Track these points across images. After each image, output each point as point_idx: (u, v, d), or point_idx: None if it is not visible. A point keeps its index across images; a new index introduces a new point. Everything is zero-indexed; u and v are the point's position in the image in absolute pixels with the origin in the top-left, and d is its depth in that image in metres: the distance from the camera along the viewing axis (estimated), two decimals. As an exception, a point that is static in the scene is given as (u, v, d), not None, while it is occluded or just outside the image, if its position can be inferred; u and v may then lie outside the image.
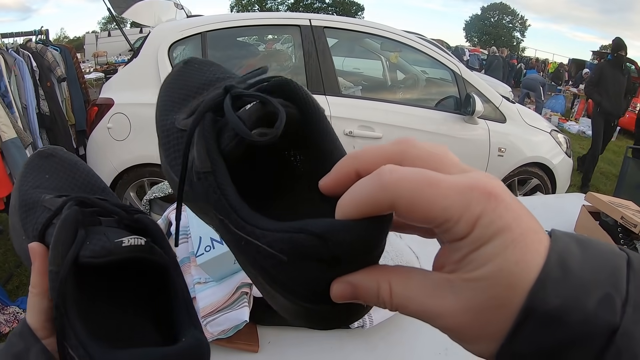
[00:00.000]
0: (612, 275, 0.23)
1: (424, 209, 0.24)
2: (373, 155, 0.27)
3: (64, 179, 0.52)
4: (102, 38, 14.83)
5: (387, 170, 0.25)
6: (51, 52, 3.51)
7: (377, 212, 0.25)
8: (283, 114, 0.32)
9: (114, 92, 3.03)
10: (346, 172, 0.28)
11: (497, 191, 0.24)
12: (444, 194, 0.23)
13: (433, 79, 4.00)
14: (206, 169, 0.32)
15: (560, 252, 0.24)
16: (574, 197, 2.45)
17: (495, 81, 8.54)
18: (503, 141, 3.48)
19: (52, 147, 0.56)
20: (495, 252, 0.23)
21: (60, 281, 0.35)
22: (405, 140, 0.28)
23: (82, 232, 0.38)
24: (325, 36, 3.21)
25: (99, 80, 9.69)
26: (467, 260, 0.24)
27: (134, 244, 0.38)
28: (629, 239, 1.66)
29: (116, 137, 2.94)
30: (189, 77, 0.45)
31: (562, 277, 0.23)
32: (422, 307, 0.26)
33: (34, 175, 0.51)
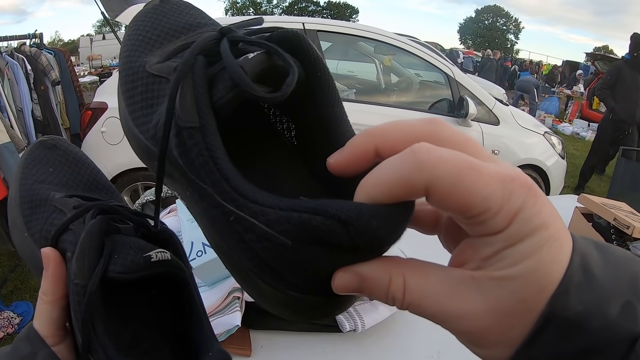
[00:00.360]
0: (633, 282, 0.22)
1: (463, 195, 0.21)
2: (399, 133, 0.24)
3: (69, 174, 0.49)
4: (96, 41, 14.80)
5: (424, 149, 0.21)
6: (45, 56, 3.50)
7: (409, 196, 0.22)
8: (295, 69, 0.27)
9: (108, 96, 3.02)
10: (364, 150, 0.25)
11: (535, 186, 0.22)
12: (486, 181, 0.21)
13: (427, 81, 4.02)
14: (193, 123, 0.27)
15: (582, 255, 0.22)
16: (567, 199, 2.46)
17: (489, 83, 8.57)
18: (496, 143, 3.49)
19: (54, 137, 0.52)
20: (531, 250, 0.21)
21: (88, 296, 0.33)
22: (435, 120, 0.24)
23: (109, 244, 0.36)
24: (318, 40, 3.21)
25: (94, 84, 9.68)
26: (500, 256, 0.22)
27: (162, 259, 0.37)
28: (622, 240, 1.67)
29: (110, 141, 2.93)
30: (165, 17, 0.39)
31: (586, 282, 0.22)
32: (440, 307, 0.23)
33: (37, 168, 0.48)
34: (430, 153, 0.21)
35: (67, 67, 3.84)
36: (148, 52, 0.36)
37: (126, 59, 0.37)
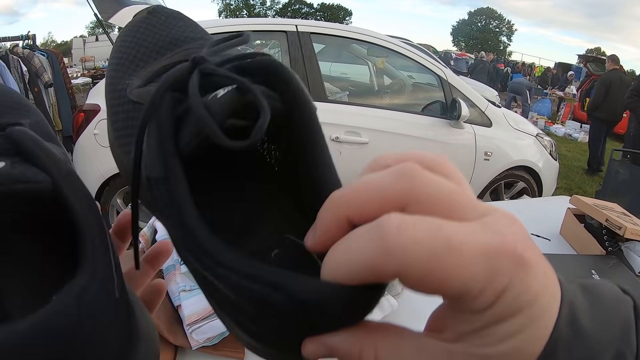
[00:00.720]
0: (623, 330, 0.21)
1: (439, 281, 0.19)
2: (369, 198, 0.21)
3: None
4: (89, 42, 14.76)
5: (393, 228, 0.19)
6: (38, 58, 3.49)
7: (377, 281, 0.20)
8: (267, 112, 0.24)
9: (101, 98, 2.95)
10: (335, 224, 0.22)
11: (528, 255, 0.19)
12: (467, 262, 0.18)
13: (419, 84, 4.02)
14: (157, 174, 0.25)
15: (570, 305, 0.21)
16: (560, 200, 2.47)
17: (482, 85, 8.61)
18: (489, 145, 3.50)
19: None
20: (518, 329, 0.19)
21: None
22: (410, 172, 0.21)
23: None
24: (311, 42, 3.21)
25: (87, 86, 9.65)
26: (480, 334, 0.20)
27: None
28: (614, 241, 1.68)
29: (103, 143, 2.91)
30: (152, 31, 0.36)
31: (574, 336, 0.20)
32: None
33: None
34: (400, 234, 0.18)
35: (60, 69, 3.82)
36: (132, 72, 0.35)
37: (110, 80, 0.35)
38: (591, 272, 1.47)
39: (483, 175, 3.57)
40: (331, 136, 3.10)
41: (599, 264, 1.53)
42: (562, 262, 1.49)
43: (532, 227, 2.02)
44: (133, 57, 0.35)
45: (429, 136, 3.34)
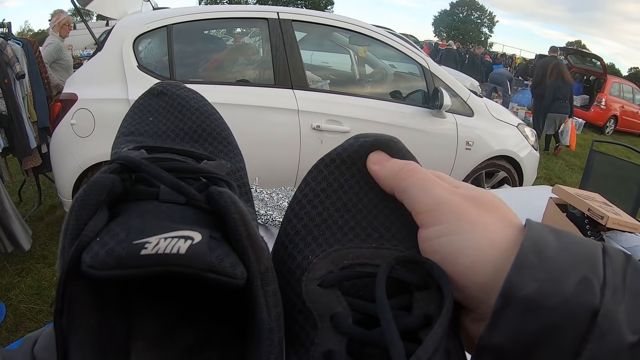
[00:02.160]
0: (589, 260, 0.23)
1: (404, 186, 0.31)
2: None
3: (170, 122, 0.42)
4: (66, 31, 14.45)
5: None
6: (11, 47, 3.38)
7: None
8: None
9: (78, 87, 2.94)
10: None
11: (474, 194, 0.29)
12: (420, 181, 0.31)
13: (401, 73, 4.02)
14: None
15: (535, 240, 0.24)
16: (541, 190, 2.49)
17: (463, 75, 8.65)
18: (471, 135, 3.52)
19: (164, 82, 0.46)
20: (439, 234, 0.28)
21: (57, 292, 0.23)
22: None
23: (103, 215, 0.24)
24: (293, 30, 3.18)
25: (64, 75, 9.46)
26: (424, 227, 0.29)
27: (163, 251, 0.22)
28: (596, 230, 1.69)
29: (80, 133, 2.85)
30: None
31: (538, 263, 0.23)
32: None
33: (135, 118, 0.42)
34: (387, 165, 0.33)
35: (35, 58, 3.71)
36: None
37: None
38: (572, 261, 1.47)
39: (464, 165, 3.58)
40: (312, 125, 3.08)
41: (580, 252, 1.54)
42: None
43: (513, 216, 2.02)
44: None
45: (411, 125, 3.34)
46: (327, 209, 0.32)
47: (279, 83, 3.11)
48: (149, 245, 0.22)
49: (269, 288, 0.26)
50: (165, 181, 0.27)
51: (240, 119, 2.98)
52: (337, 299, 0.27)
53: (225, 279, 0.23)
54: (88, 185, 0.25)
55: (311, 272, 0.29)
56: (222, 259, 0.23)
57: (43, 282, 2.92)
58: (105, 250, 0.22)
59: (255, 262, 0.25)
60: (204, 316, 0.29)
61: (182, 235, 0.23)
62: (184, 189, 0.27)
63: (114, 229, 0.23)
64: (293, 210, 0.34)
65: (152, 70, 2.97)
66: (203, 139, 0.42)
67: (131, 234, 0.23)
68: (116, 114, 2.86)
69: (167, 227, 0.23)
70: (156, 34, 3.04)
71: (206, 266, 0.23)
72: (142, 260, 0.22)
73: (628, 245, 1.64)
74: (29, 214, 3.73)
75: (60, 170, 3.02)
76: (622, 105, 11.69)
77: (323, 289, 0.28)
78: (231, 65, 3.49)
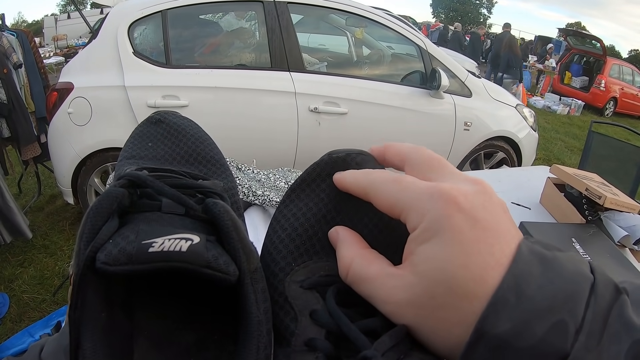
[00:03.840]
0: (571, 299, 0.23)
1: (388, 201, 0.28)
2: (393, 154, 0.34)
3: (167, 148, 0.46)
4: (61, 21, 14.33)
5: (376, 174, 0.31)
6: (7, 38, 3.36)
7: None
8: None
9: (73, 76, 2.93)
10: (379, 157, 0.36)
11: (460, 200, 0.25)
12: (407, 192, 0.27)
13: (399, 54, 4.00)
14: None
15: (517, 275, 0.23)
16: (539, 170, 2.48)
17: (461, 56, 8.62)
18: (469, 115, 3.51)
19: (162, 112, 0.50)
20: (437, 250, 0.25)
21: (73, 288, 0.26)
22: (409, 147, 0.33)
23: (114, 222, 0.28)
24: (289, 12, 3.16)
25: (60, 65, 9.43)
26: (415, 253, 0.26)
27: (168, 248, 0.26)
28: (594, 210, 1.69)
29: (77, 122, 2.85)
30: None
31: (515, 301, 0.22)
32: (372, 292, 0.28)
33: (135, 144, 0.46)
34: (373, 175, 0.31)
35: (31, 49, 3.69)
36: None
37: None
38: (571, 241, 1.48)
39: (463, 145, 3.58)
40: (310, 107, 3.08)
41: (579, 232, 1.55)
42: (543, 230, 1.50)
43: (512, 196, 2.02)
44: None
45: (408, 106, 3.33)
46: (309, 220, 0.36)
47: (275, 66, 3.10)
48: (156, 244, 0.26)
49: (258, 286, 0.30)
50: (167, 194, 0.33)
51: (237, 103, 2.98)
52: (316, 299, 0.31)
53: (220, 275, 0.27)
54: (101, 196, 0.29)
55: (293, 276, 0.33)
56: (217, 257, 0.27)
57: (45, 271, 2.93)
58: (118, 249, 0.26)
59: (246, 262, 0.29)
60: (203, 318, 0.33)
61: (183, 237, 0.27)
62: (183, 201, 0.33)
63: (124, 232, 0.27)
64: (278, 222, 0.37)
65: (147, 56, 2.96)
66: (198, 162, 0.46)
67: (140, 235, 0.27)
68: (113, 101, 2.86)
69: (170, 231, 0.28)
70: (151, 20, 3.02)
71: (204, 262, 0.27)
72: (149, 256, 0.26)
73: (626, 225, 1.64)
74: (29, 205, 3.74)
75: (59, 159, 3.02)
76: (622, 88, 11.65)
77: (303, 289, 0.32)
78: (227, 49, 3.47)
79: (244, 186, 1.34)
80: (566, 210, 1.75)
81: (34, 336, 2.19)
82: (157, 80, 2.89)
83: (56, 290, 2.72)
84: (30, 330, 2.24)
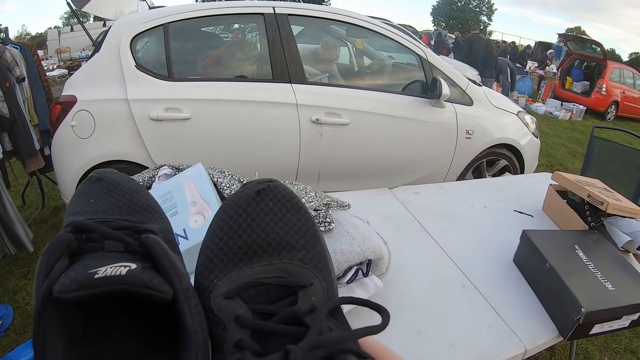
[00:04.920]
0: None
1: None
2: None
3: (107, 202, 0.51)
4: (64, 33, 14.39)
5: None
6: (10, 52, 3.39)
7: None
8: None
9: (77, 89, 2.94)
10: None
11: None
12: None
13: (399, 63, 4.01)
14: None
15: None
16: (542, 177, 2.49)
17: (462, 64, 8.62)
18: (470, 123, 3.51)
19: (101, 170, 0.55)
20: None
21: (38, 318, 0.31)
22: None
23: (64, 261, 0.34)
24: (289, 24, 3.17)
25: (63, 77, 9.46)
26: None
27: (110, 274, 0.31)
28: (596, 216, 1.70)
29: (81, 135, 2.86)
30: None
31: None
32: None
33: (79, 202, 0.50)
34: None
35: (34, 62, 3.72)
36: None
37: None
38: (574, 248, 1.48)
39: (465, 154, 3.58)
40: (311, 118, 3.08)
41: (582, 239, 1.55)
42: (545, 237, 1.50)
43: (514, 204, 2.03)
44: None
45: (410, 115, 3.33)
46: (226, 243, 0.42)
47: (277, 77, 3.11)
48: (100, 271, 0.32)
49: (191, 302, 0.35)
50: (109, 235, 0.39)
51: (239, 115, 2.99)
52: (238, 305, 0.36)
53: (157, 293, 0.33)
54: (52, 240, 0.35)
55: (216, 291, 0.38)
56: (152, 279, 0.33)
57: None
58: (69, 279, 0.31)
59: (179, 282, 0.35)
60: (152, 339, 0.38)
61: (122, 264, 0.33)
62: (122, 238, 0.39)
63: (74, 267, 0.33)
64: (207, 246, 0.43)
65: (150, 69, 2.97)
66: (135, 211, 0.51)
67: (86, 267, 0.32)
68: (116, 114, 2.88)
69: (112, 262, 0.33)
70: (153, 33, 3.04)
71: (141, 283, 0.32)
72: (95, 282, 0.31)
73: (629, 230, 1.64)
74: (32, 217, 3.75)
75: (63, 171, 3.03)
76: (623, 91, 11.63)
77: (227, 299, 0.37)
78: (229, 62, 3.48)
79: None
80: (569, 217, 1.75)
81: (39, 349, 2.19)
82: (159, 93, 2.90)
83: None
84: (34, 343, 2.24)
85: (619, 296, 1.25)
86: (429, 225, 1.77)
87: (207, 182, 1.28)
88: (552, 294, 1.33)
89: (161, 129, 2.89)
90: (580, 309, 1.18)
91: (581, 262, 1.40)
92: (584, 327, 1.21)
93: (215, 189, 1.33)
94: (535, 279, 1.43)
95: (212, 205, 1.18)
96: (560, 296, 1.27)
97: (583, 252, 1.44)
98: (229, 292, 0.37)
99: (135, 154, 2.93)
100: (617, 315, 1.24)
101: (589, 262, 1.39)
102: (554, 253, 1.41)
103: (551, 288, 1.33)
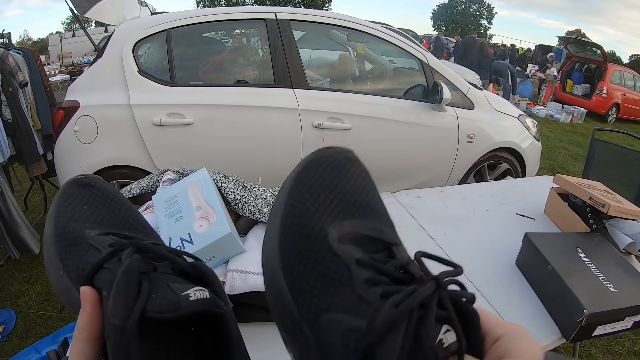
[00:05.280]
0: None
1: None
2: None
3: (104, 213, 0.51)
4: (66, 39, 14.43)
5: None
6: (13, 57, 3.40)
7: None
8: None
9: (79, 95, 2.96)
10: None
11: (523, 332, 0.34)
12: (489, 321, 0.35)
13: (401, 68, 4.02)
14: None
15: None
16: (543, 180, 2.49)
17: (463, 68, 8.63)
18: (472, 127, 3.52)
19: (90, 176, 0.54)
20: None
21: (126, 336, 0.33)
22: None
23: (146, 284, 0.36)
24: (291, 29, 3.19)
25: (65, 83, 9.49)
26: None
27: (200, 297, 0.37)
28: (598, 218, 1.70)
29: (83, 140, 2.88)
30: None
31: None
32: None
33: (72, 206, 0.49)
34: None
35: (37, 67, 3.73)
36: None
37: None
38: (576, 250, 1.49)
39: (467, 158, 3.59)
40: (313, 123, 3.09)
41: (584, 241, 1.55)
42: (547, 240, 1.51)
43: (516, 207, 2.03)
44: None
45: (411, 120, 3.34)
46: (327, 196, 0.43)
47: (278, 83, 3.12)
48: (191, 294, 0.36)
49: (233, 314, 0.42)
50: (169, 259, 0.42)
51: (241, 120, 3.00)
52: (355, 250, 0.37)
53: (221, 312, 0.39)
54: (128, 262, 0.38)
55: (330, 235, 0.38)
56: (218, 302, 0.39)
57: (52, 288, 2.93)
58: (167, 300, 0.35)
59: (225, 301, 0.41)
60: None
61: (199, 288, 0.38)
62: (180, 264, 0.42)
63: (160, 289, 0.36)
64: (302, 195, 0.43)
65: (152, 74, 2.99)
66: (134, 228, 0.52)
67: (176, 290, 0.37)
68: (118, 119, 2.89)
69: (189, 286, 0.38)
70: (155, 39, 3.06)
71: (215, 305, 0.39)
72: (191, 304, 0.36)
73: (631, 232, 1.65)
74: (35, 222, 3.76)
75: (65, 176, 3.04)
76: (624, 93, 11.64)
77: (342, 244, 0.38)
78: (231, 67, 3.50)
79: (250, 204, 1.35)
80: (570, 220, 1.76)
81: (41, 352, 2.19)
82: (162, 98, 2.92)
83: (63, 306, 2.73)
84: (37, 346, 2.25)
85: (621, 297, 1.26)
86: (431, 229, 1.78)
87: (212, 187, 1.29)
88: (554, 296, 1.33)
89: (164, 134, 2.91)
90: (582, 310, 1.19)
91: (583, 264, 1.40)
92: (587, 329, 1.22)
93: (219, 194, 1.34)
94: (537, 281, 1.44)
95: (216, 209, 1.18)
96: (563, 298, 1.28)
97: (585, 255, 1.45)
98: (341, 238, 0.38)
99: (138, 159, 2.94)
100: (620, 317, 1.25)
101: (591, 264, 1.40)
102: (556, 255, 1.41)
103: (553, 290, 1.33)
